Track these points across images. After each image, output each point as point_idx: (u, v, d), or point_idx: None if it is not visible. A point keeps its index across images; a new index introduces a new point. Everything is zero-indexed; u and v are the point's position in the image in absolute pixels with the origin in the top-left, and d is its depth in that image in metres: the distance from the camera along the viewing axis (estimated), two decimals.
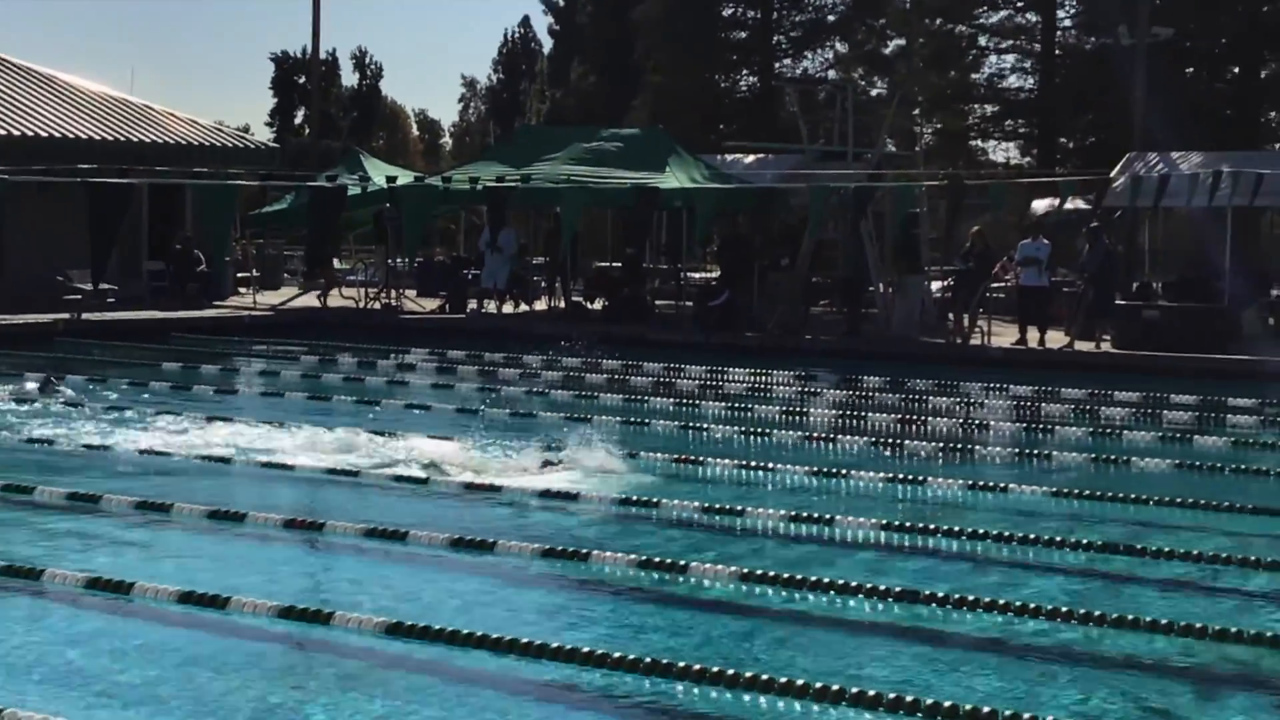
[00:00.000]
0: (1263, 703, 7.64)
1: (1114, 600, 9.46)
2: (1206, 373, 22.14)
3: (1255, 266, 30.97)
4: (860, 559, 10.76)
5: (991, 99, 49.21)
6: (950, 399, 19.49)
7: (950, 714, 6.88)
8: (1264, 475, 14.40)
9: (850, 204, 27.89)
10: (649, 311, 31.22)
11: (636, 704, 7.40)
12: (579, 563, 10.09)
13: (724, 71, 54.75)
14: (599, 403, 18.94)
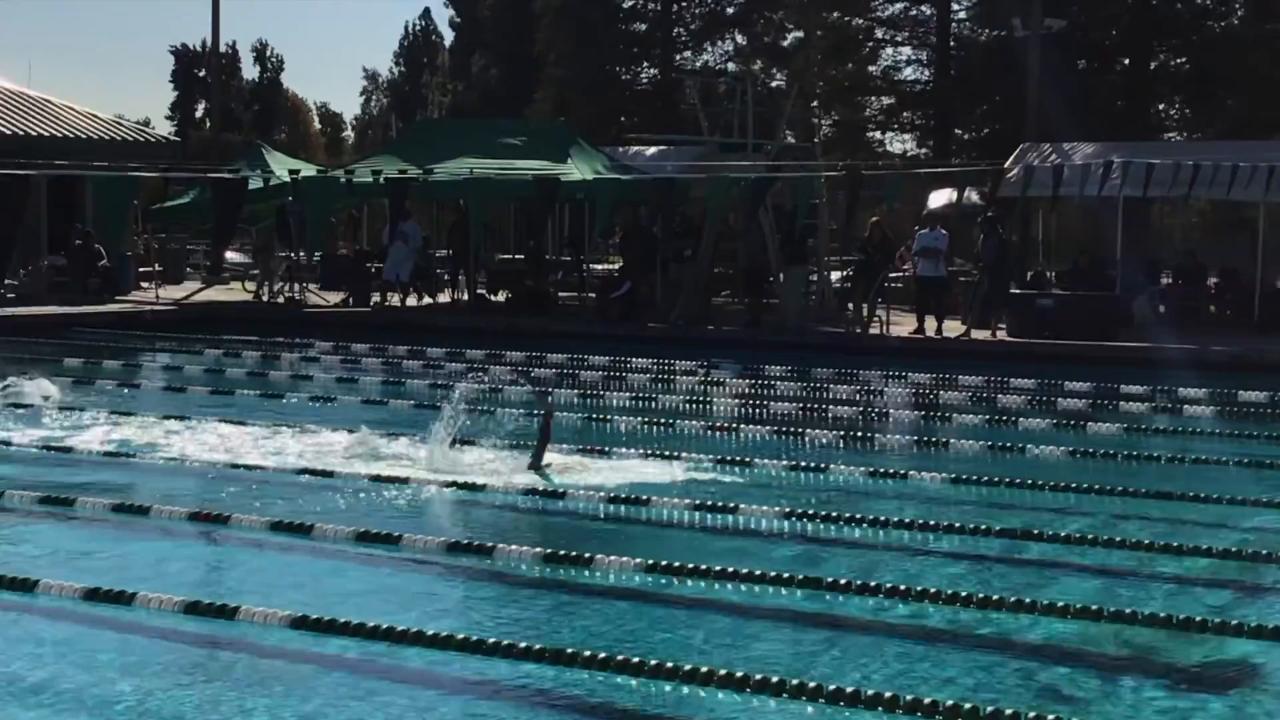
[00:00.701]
0: (1159, 684, 7.79)
1: (1012, 584, 9.60)
2: (1099, 360, 22.51)
3: (1146, 255, 31.56)
4: (764, 547, 10.88)
5: (888, 91, 49.71)
6: (850, 387, 19.73)
7: (852, 699, 7.02)
8: (1156, 460, 14.69)
9: (750, 195, 28.08)
10: (552, 303, 31.28)
11: (543, 695, 7.47)
12: (484, 556, 10.15)
13: (625, 64, 54.90)
14: (503, 395, 18.99)
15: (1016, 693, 7.60)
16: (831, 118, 51.94)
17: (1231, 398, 18.32)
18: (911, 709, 6.88)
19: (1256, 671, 7.94)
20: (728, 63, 54.26)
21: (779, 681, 7.21)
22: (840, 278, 30.39)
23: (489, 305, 31.67)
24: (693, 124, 35.23)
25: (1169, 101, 46.53)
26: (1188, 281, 29.95)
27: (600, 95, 51.29)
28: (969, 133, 47.31)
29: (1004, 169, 29.26)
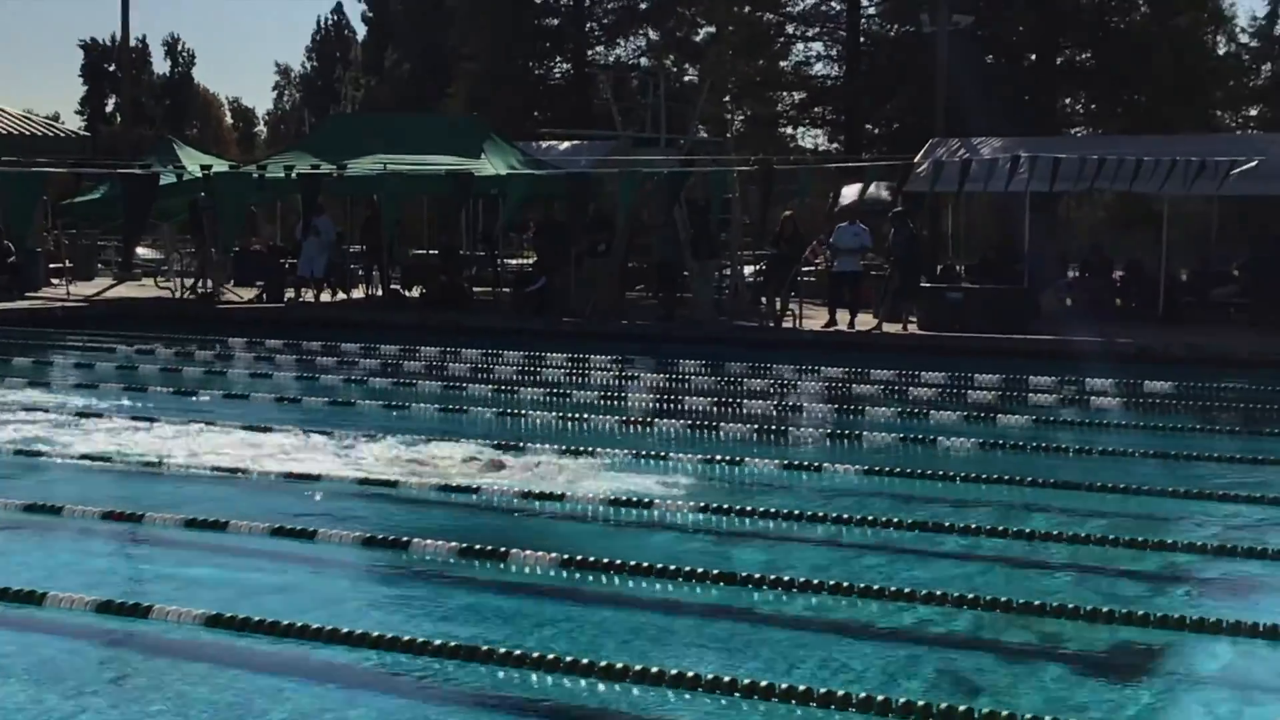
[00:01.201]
0: (1068, 673, 7.94)
1: (925, 575, 9.72)
2: (1008, 352, 22.76)
3: (1053, 249, 31.97)
4: (679, 540, 10.97)
5: (799, 86, 49.97)
6: (764, 381, 19.86)
7: (767, 693, 7.10)
8: (1064, 452, 14.90)
9: (664, 190, 28.18)
10: (466, 298, 31.26)
11: (460, 691, 7.52)
12: (400, 551, 10.17)
13: (538, 59, 54.83)
14: (418, 390, 18.99)
15: (928, 683, 7.72)
16: (744, 113, 52.17)
17: (1137, 389, 18.59)
18: (825, 702, 6.98)
19: (1163, 660, 8.09)
20: (640, 58, 54.37)
21: (694, 676, 7.29)
22: (753, 272, 30.55)
23: (403, 300, 31.60)
24: (606, 119, 35.30)
25: (1074, 97, 47.10)
26: (1094, 275, 30.33)
27: (513, 90, 51.21)
28: (879, 128, 47.65)
29: (913, 164, 29.52)
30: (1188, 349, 22.46)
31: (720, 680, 7.23)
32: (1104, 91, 45.28)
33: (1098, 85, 45.22)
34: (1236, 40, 50.56)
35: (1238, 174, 25.06)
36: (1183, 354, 22.14)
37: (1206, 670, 7.97)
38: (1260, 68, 50.88)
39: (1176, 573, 10.04)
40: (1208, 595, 9.47)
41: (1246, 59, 50.80)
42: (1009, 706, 6.97)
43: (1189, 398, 18.14)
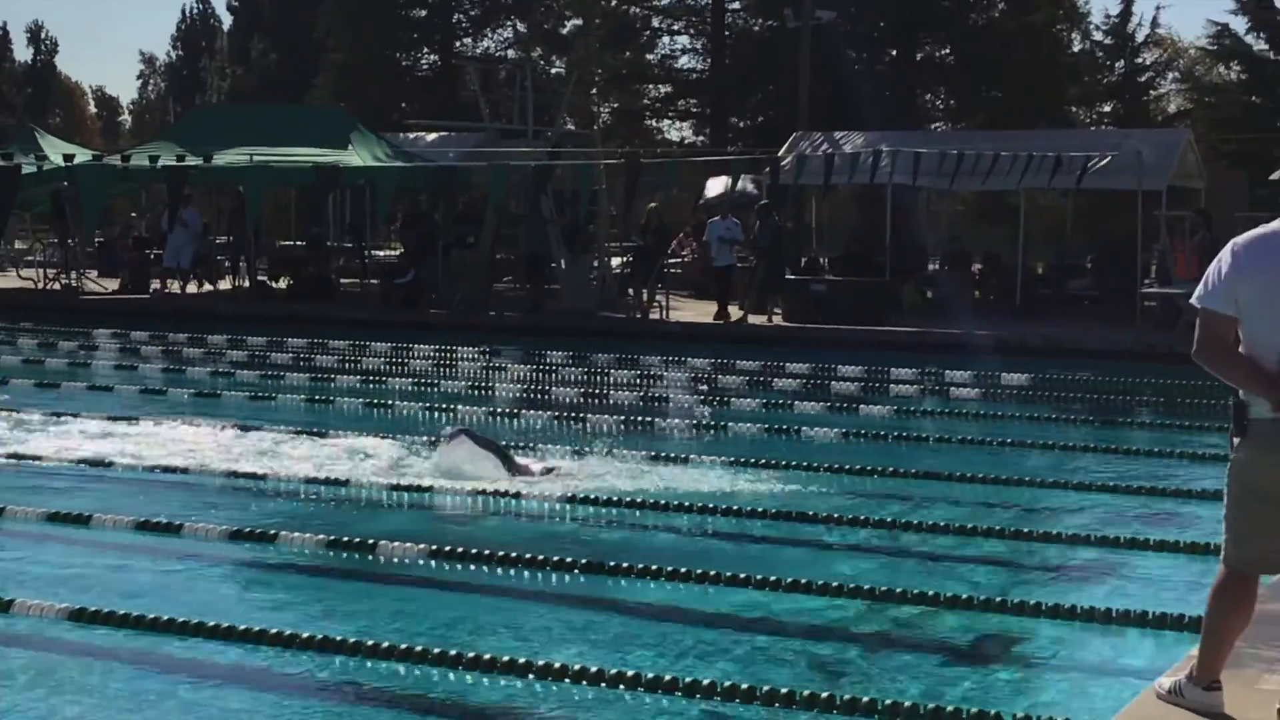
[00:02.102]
0: (929, 660, 8.13)
1: (787, 564, 9.85)
2: (871, 344, 23.07)
3: (914, 242, 32.43)
4: (545, 531, 11.08)
5: (665, 79, 50.23)
6: (630, 372, 20.02)
7: (633, 682, 7.23)
8: (924, 441, 15.22)
9: (532, 182, 28.26)
10: (334, 290, 31.13)
11: (328, 684, 7.56)
12: (267, 544, 10.20)
13: (405, 50, 54.63)
14: (285, 382, 18.94)
15: (788, 669, 7.88)
16: (610, 105, 52.36)
17: (995, 380, 18.98)
18: (690, 691, 7.13)
19: (1020, 646, 8.32)
20: (507, 49, 54.38)
21: (561, 667, 7.40)
22: (620, 264, 30.72)
23: (270, 292, 31.39)
24: (473, 111, 35.29)
25: (935, 92, 47.83)
26: (954, 267, 30.81)
27: (380, 81, 50.97)
28: (745, 121, 48.05)
29: (778, 157, 29.85)
30: (1044, 340, 22.94)
31: (587, 670, 7.35)
32: (963, 87, 46.01)
33: (957, 81, 45.95)
34: (1090, 38, 51.65)
35: (1092, 169, 25.63)
36: (1039, 345, 22.61)
37: (1063, 655, 8.18)
38: (1113, 65, 51.98)
39: (1033, 560, 10.30)
40: (1063, 582, 9.73)
41: (1100, 56, 51.88)
42: (869, 692, 7.17)
43: (1044, 388, 18.56)
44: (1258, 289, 5.41)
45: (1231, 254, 5.51)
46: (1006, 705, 7.02)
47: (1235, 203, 30.02)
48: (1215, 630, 5.70)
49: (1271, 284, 5.40)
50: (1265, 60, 45.84)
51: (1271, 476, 5.44)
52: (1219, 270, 5.51)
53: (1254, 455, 5.49)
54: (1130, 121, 46.06)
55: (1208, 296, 5.51)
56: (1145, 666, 7.32)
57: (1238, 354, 5.50)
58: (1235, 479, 5.58)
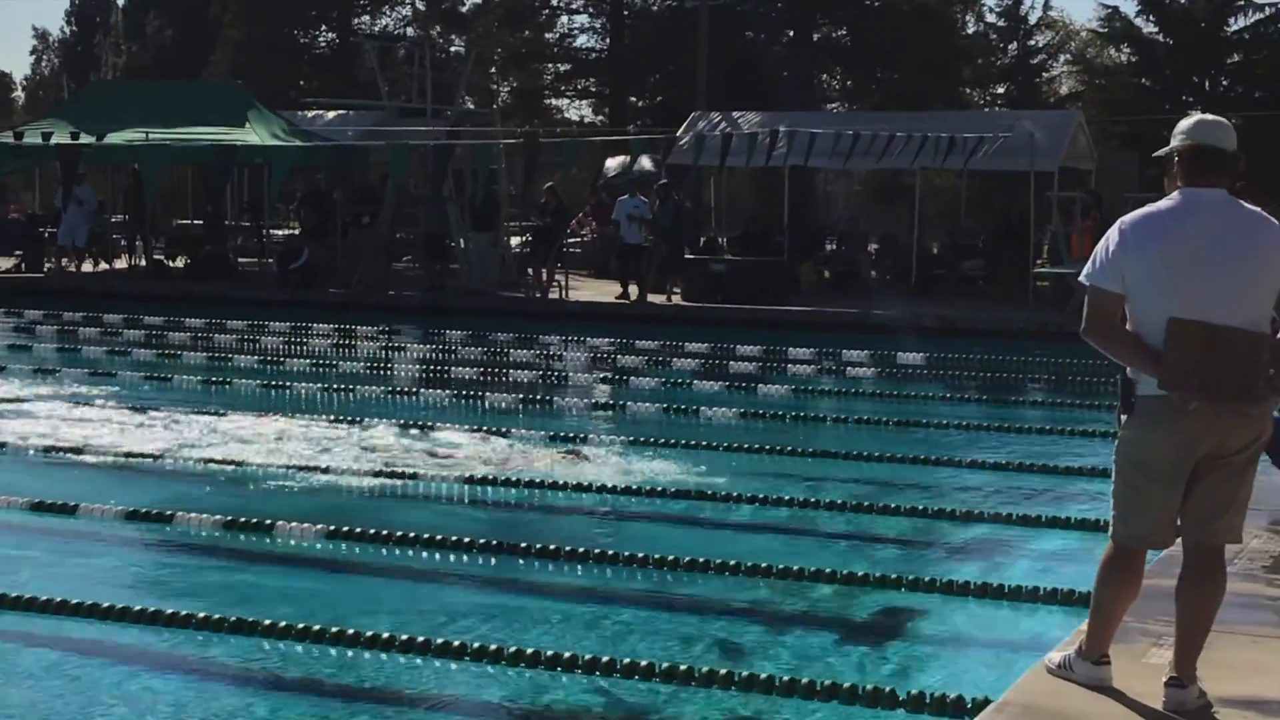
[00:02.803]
0: (826, 638, 8.25)
1: (686, 544, 9.90)
2: (769, 323, 23.23)
3: (811, 223, 32.68)
4: (445, 511, 11.10)
5: (564, 58, 50.13)
6: (530, 352, 20.05)
7: (533, 660, 7.28)
8: (821, 421, 15.36)
9: (430, 161, 28.14)
10: (231, 269, 30.85)
11: (226, 666, 7.56)
12: (164, 525, 10.15)
13: (302, 27, 54.09)
14: (182, 361, 18.80)
15: (687, 647, 7.96)
16: (510, 84, 52.20)
17: (891, 359, 19.19)
18: (590, 668, 7.20)
19: (917, 621, 8.45)
20: (406, 27, 53.99)
21: (460, 645, 7.44)
22: (520, 243, 30.68)
23: (167, 271, 31.07)
24: (371, 89, 35.07)
25: (832, 73, 48.09)
26: (850, 247, 31.05)
27: (277, 59, 50.48)
28: (644, 100, 48.07)
29: (675, 137, 29.92)
30: (938, 319, 23.20)
31: (486, 648, 7.40)
32: (860, 69, 46.30)
33: (854, 62, 46.22)
34: (984, 20, 52.16)
35: (985, 150, 25.92)
36: (934, 325, 22.86)
37: (958, 630, 8.33)
38: (1006, 47, 52.52)
39: (927, 537, 10.45)
40: (957, 559, 9.88)
41: (994, 38, 52.39)
42: (767, 669, 7.26)
43: (939, 367, 18.80)
44: (1144, 267, 5.50)
45: (1119, 232, 5.59)
46: (900, 681, 7.14)
47: (1126, 183, 30.44)
48: (1103, 605, 5.81)
49: (1157, 262, 5.48)
50: (1155, 43, 46.47)
51: (1158, 453, 5.54)
52: (1107, 249, 5.58)
53: (1141, 432, 5.59)
54: (1023, 103, 46.54)
55: (1095, 274, 5.59)
56: (1036, 642, 7.45)
57: (1125, 331, 5.59)
58: (1123, 455, 5.68)
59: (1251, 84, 44.71)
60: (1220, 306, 5.41)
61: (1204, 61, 44.51)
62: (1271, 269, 5.51)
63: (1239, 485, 5.61)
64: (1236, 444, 5.53)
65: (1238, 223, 5.54)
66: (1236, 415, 5.46)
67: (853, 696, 6.79)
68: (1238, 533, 5.71)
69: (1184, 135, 5.62)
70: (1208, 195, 5.56)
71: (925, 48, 42.86)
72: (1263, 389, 5.47)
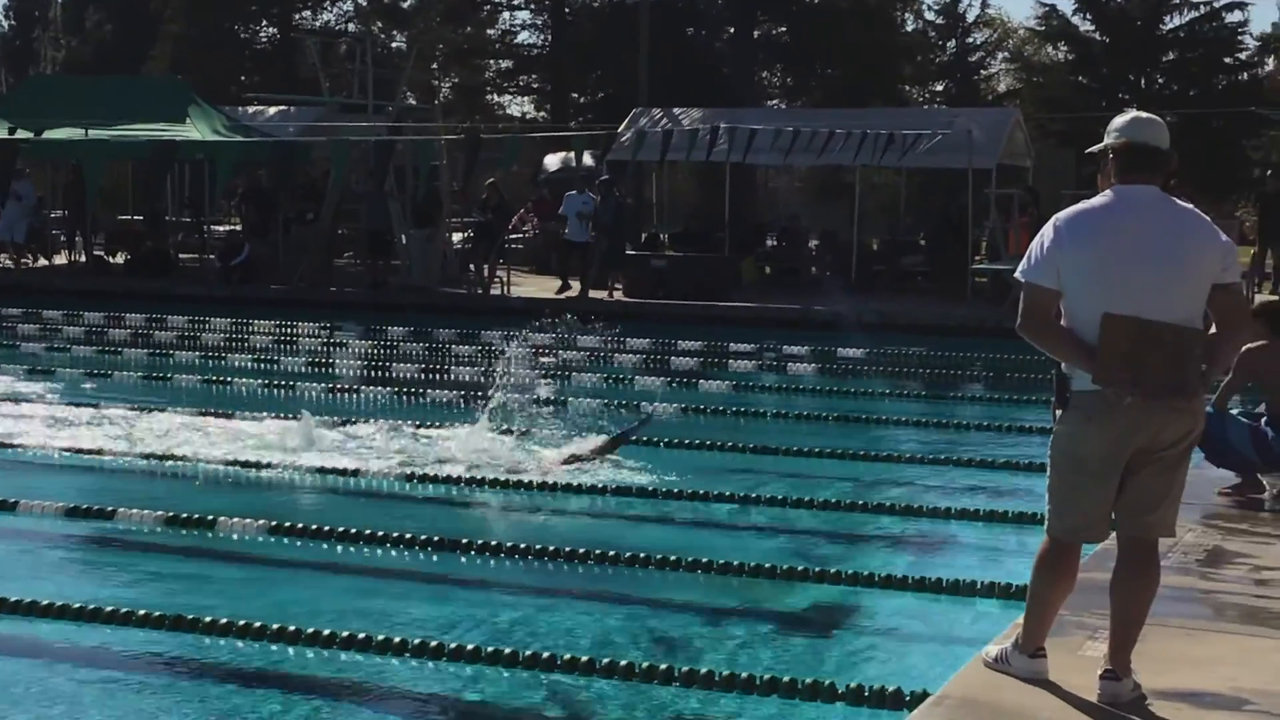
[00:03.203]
0: (764, 632, 8.32)
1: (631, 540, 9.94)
2: (710, 319, 23.28)
3: (752, 219, 32.74)
4: (386, 508, 11.10)
5: (506, 55, 50.08)
6: (471, 348, 20.02)
7: (473, 656, 7.32)
8: (762, 416, 15.42)
9: (371, 157, 28.07)
10: (172, 265, 30.65)
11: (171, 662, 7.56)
12: (105, 521, 10.12)
13: (243, 21, 53.78)
14: (123, 358, 18.70)
15: (628, 643, 8.01)
16: (452, 80, 52.11)
17: (831, 355, 19.28)
18: (530, 664, 7.23)
19: (855, 616, 8.54)
20: (348, 23, 53.81)
21: (401, 642, 7.47)
22: (461, 239, 30.63)
23: (108, 267, 30.84)
24: (313, 84, 34.91)
25: (772, 70, 48.22)
26: (791, 244, 31.15)
27: (218, 54, 50.16)
28: (585, 96, 48.09)
29: (617, 133, 29.93)
30: (878, 315, 23.30)
31: (427, 645, 7.43)
32: (800, 66, 46.44)
33: (793, 59, 46.36)
34: (923, 18, 52.50)
35: (923, 147, 26.04)
36: (874, 321, 22.95)
37: (897, 624, 8.42)
38: (945, 45, 52.88)
39: (867, 531, 10.54)
40: (897, 553, 9.96)
41: (933, 36, 52.75)
42: (706, 664, 7.30)
43: (879, 363, 18.91)
44: (1078, 263, 5.55)
45: (1054, 229, 5.64)
46: (840, 674, 7.19)
47: (1062, 180, 30.68)
48: (1039, 598, 5.87)
49: (1092, 258, 5.54)
50: (1091, 41, 46.92)
51: (1092, 448, 5.60)
52: (1042, 245, 5.63)
53: (1075, 427, 5.65)
54: (961, 100, 46.93)
55: (1031, 270, 5.64)
56: (974, 635, 7.53)
57: (1060, 327, 5.64)
58: (1057, 450, 5.74)
59: (1186, 81, 45.22)
60: (1153, 302, 5.48)
61: (1140, 59, 44.98)
62: (1203, 265, 5.57)
63: (1172, 480, 5.68)
64: (1170, 438, 5.60)
65: (1170, 220, 5.61)
66: (1170, 410, 5.53)
67: (792, 690, 6.84)
68: (1171, 527, 5.80)
69: (1118, 133, 5.69)
70: (1141, 192, 5.63)
71: (865, 45, 43.05)
72: (1195, 384, 5.55)
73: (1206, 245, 5.59)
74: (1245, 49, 47.51)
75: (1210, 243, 5.60)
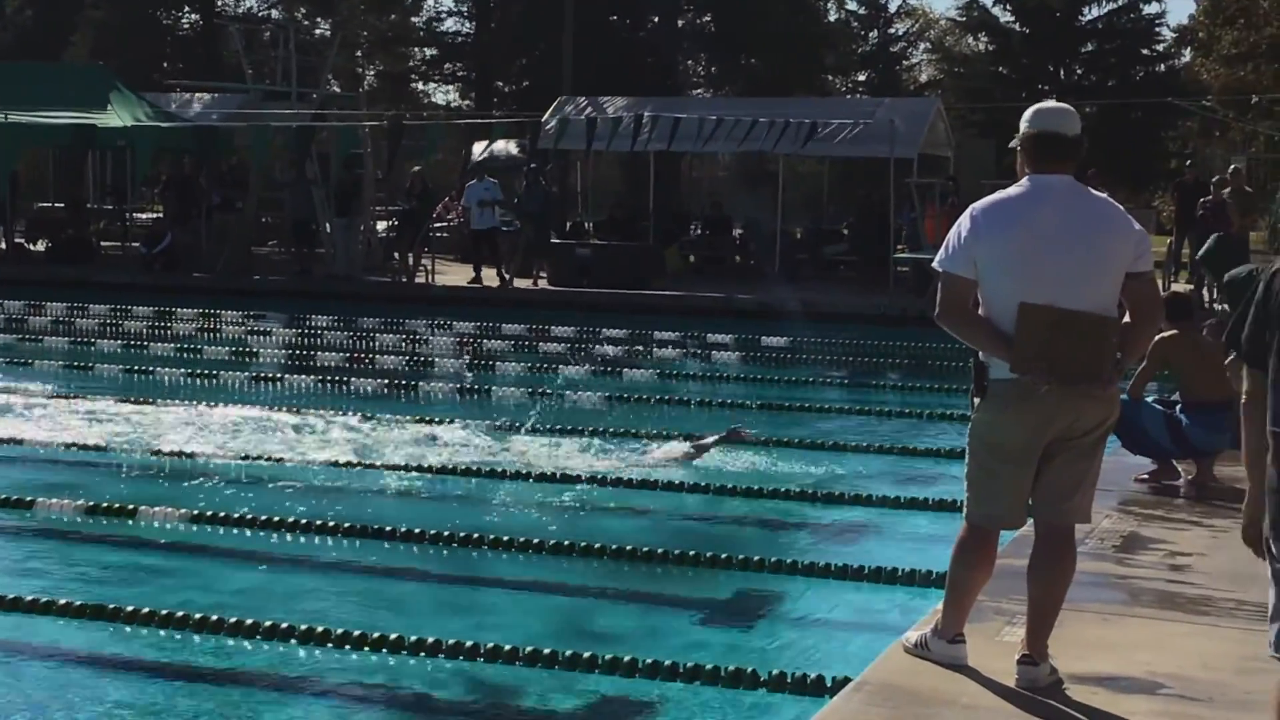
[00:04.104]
0: (688, 619, 8.35)
1: (551, 527, 9.95)
2: (635, 308, 23.29)
3: (677, 208, 32.79)
4: (308, 496, 11.06)
5: (431, 42, 49.88)
6: (396, 336, 19.99)
7: (396, 646, 7.35)
8: (686, 405, 15.47)
9: (294, 144, 27.91)
10: (94, 253, 30.35)
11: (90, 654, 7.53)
12: (23, 511, 10.05)
13: (165, 8, 53.20)
14: (42, 346, 18.54)
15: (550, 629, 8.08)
16: (376, 68, 51.84)
17: (755, 343, 19.37)
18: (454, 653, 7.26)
19: (778, 604, 8.60)
20: (271, 10, 53.32)
21: (324, 631, 7.48)
22: (386, 227, 30.52)
23: (28, 255, 30.50)
24: (236, 71, 34.64)
25: (696, 59, 48.28)
26: (714, 232, 31.23)
27: (140, 40, 49.62)
28: (510, 85, 47.96)
29: (541, 121, 29.90)
30: (801, 304, 23.39)
31: (350, 634, 7.43)
32: (723, 55, 46.51)
33: (717, 48, 46.42)
34: (845, 8, 52.73)
35: (845, 136, 26.15)
36: (797, 309, 23.05)
37: (817, 611, 8.45)
38: (867, 35, 53.15)
39: (789, 519, 10.59)
40: (818, 540, 10.03)
41: (855, 26, 53.00)
42: (629, 651, 7.31)
43: (802, 351, 19.01)
44: (994, 252, 5.62)
45: (970, 219, 5.70)
46: (761, 662, 7.24)
47: (983, 170, 30.90)
48: (958, 584, 5.94)
49: (1007, 248, 5.60)
50: (1011, 32, 47.31)
51: (1009, 435, 5.67)
52: (959, 235, 5.69)
53: (993, 415, 5.72)
54: (883, 90, 47.10)
55: (948, 260, 5.70)
56: (895, 621, 7.61)
57: (977, 316, 5.70)
58: (975, 438, 5.81)
59: (1105, 73, 45.71)
60: (1068, 290, 5.55)
61: (1059, 50, 45.41)
62: (1117, 254, 5.65)
63: (1088, 466, 5.77)
64: (1085, 425, 5.68)
65: (1084, 208, 5.69)
66: (1085, 398, 5.61)
67: (714, 677, 6.90)
68: (1086, 512, 5.88)
69: (1027, 124, 5.77)
70: (1055, 181, 5.71)
71: (788, 35, 43.15)
72: (1110, 371, 5.64)
73: (1120, 234, 5.67)
74: (1163, 40, 48.12)
75: (1124, 232, 5.68)
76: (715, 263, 29.60)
